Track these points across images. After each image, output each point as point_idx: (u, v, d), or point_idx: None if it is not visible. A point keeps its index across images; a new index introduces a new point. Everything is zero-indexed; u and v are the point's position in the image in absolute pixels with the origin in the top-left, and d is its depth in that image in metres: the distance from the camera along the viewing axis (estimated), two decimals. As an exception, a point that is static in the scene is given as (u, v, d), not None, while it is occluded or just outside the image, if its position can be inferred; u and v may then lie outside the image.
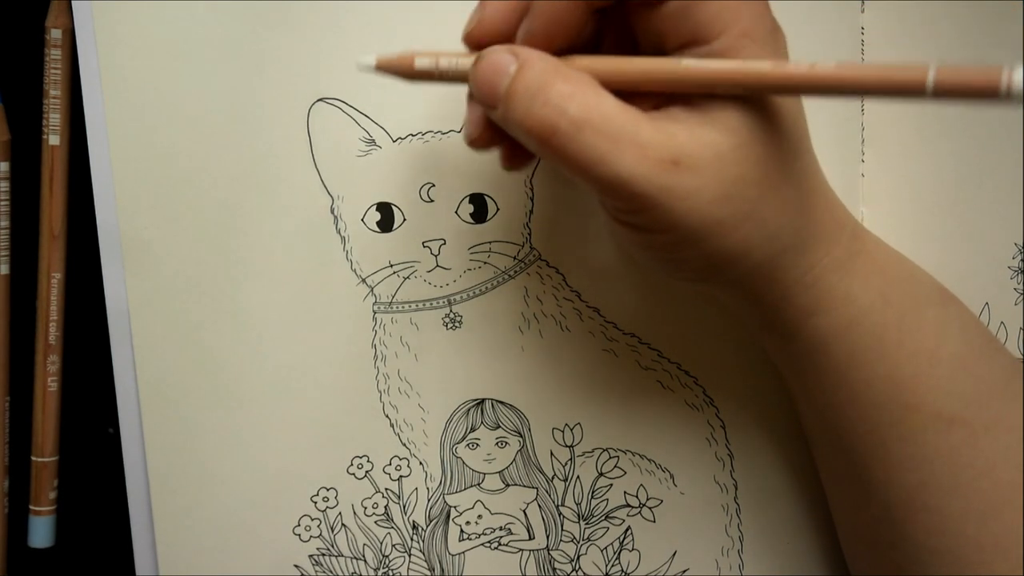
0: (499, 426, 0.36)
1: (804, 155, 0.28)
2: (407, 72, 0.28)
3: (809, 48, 0.35)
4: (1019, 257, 0.36)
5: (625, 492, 0.37)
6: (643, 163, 0.24)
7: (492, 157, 0.30)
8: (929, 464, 0.29)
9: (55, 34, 0.35)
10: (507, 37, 0.27)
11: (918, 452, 0.29)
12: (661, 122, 0.25)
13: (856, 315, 0.29)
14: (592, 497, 0.37)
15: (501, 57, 0.25)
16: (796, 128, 0.27)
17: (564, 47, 0.26)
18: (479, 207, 0.35)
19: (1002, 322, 0.36)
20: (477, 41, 0.27)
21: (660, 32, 0.26)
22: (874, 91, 0.23)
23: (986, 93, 0.20)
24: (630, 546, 0.37)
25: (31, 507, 0.36)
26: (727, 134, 0.25)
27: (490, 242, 0.36)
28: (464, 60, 0.27)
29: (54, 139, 0.35)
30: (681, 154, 0.24)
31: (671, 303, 0.36)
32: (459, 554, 0.37)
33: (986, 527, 0.28)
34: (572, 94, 0.24)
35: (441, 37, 0.34)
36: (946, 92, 0.21)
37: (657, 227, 0.26)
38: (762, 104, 0.26)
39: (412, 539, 0.37)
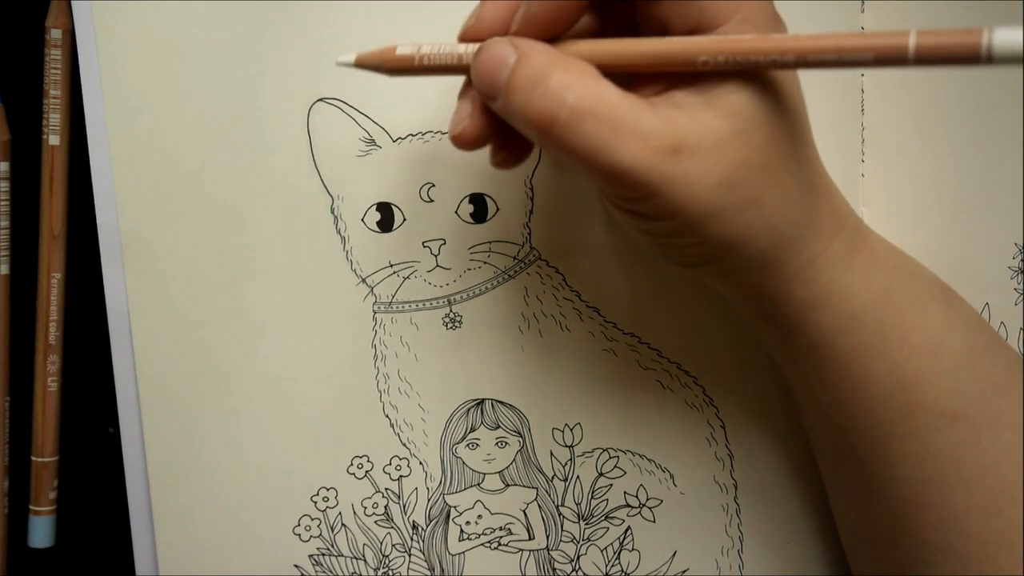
0: (499, 426, 0.36)
1: (806, 146, 0.28)
2: (388, 64, 0.27)
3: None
4: (1019, 257, 0.36)
5: (625, 492, 0.37)
6: (644, 151, 0.24)
7: (492, 157, 0.30)
8: (932, 460, 0.29)
9: (55, 34, 0.35)
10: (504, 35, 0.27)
11: (921, 449, 0.29)
12: (663, 108, 0.25)
13: (857, 310, 0.29)
14: (592, 497, 0.37)
15: (501, 48, 0.25)
16: (798, 118, 0.27)
17: (562, 33, 0.26)
18: (479, 207, 0.35)
19: (1002, 322, 0.36)
20: (474, 39, 0.27)
21: (664, 21, 0.26)
22: (860, 59, 0.23)
23: (967, 56, 0.20)
24: (630, 546, 0.37)
25: (31, 507, 0.36)
26: (730, 119, 0.25)
27: (490, 242, 0.36)
28: (449, 48, 0.27)
29: (54, 139, 0.35)
30: (682, 141, 0.24)
31: (671, 303, 0.36)
32: (459, 554, 0.37)
33: (989, 523, 0.28)
34: (571, 84, 0.24)
35: (441, 36, 0.34)
36: (929, 57, 0.21)
37: (659, 214, 0.26)
38: (766, 88, 0.25)
39: (412, 539, 0.37)
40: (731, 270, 0.28)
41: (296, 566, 0.36)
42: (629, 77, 0.26)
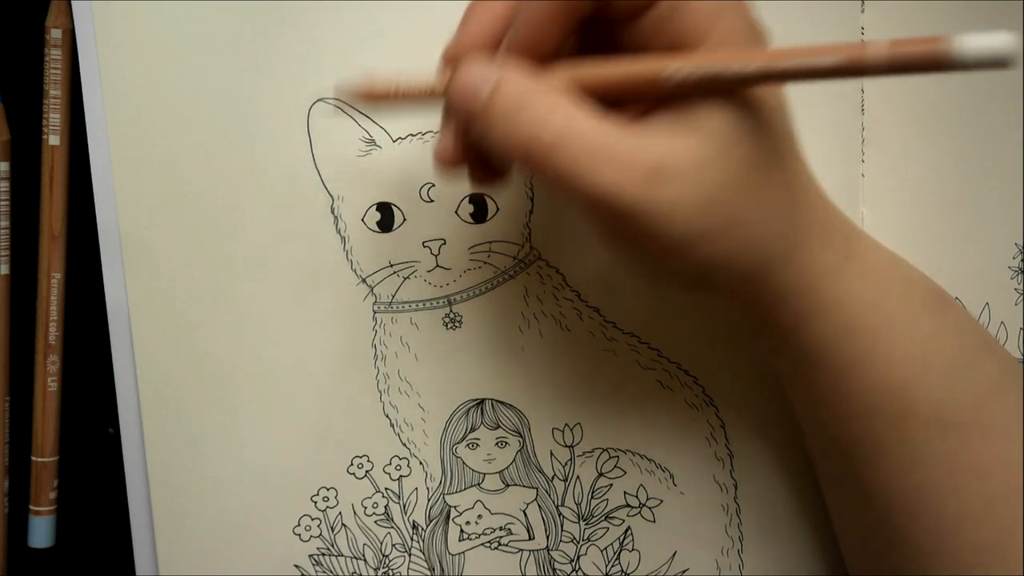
0: (499, 426, 0.36)
1: (791, 159, 0.27)
2: (368, 95, 0.28)
3: (809, 48, 0.35)
4: (1019, 257, 0.36)
5: (625, 492, 0.37)
6: (622, 177, 0.24)
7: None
8: (925, 468, 0.29)
9: (55, 34, 0.35)
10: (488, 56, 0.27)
11: (914, 456, 0.29)
12: (641, 132, 0.25)
13: (848, 321, 0.29)
14: (592, 497, 0.37)
15: (477, 73, 0.25)
16: (781, 132, 0.27)
17: (548, 56, 0.26)
18: (479, 207, 0.35)
19: (1002, 322, 0.36)
20: (458, 57, 0.27)
21: (643, 41, 0.25)
22: (825, 65, 0.22)
23: (936, 62, 0.20)
24: (630, 546, 0.37)
25: (31, 507, 0.36)
26: (709, 140, 0.25)
27: (490, 242, 0.36)
28: (425, 77, 0.27)
29: (54, 139, 0.35)
30: (661, 164, 0.24)
31: (671, 303, 0.36)
32: (459, 554, 0.37)
33: (982, 529, 0.28)
34: (548, 114, 0.24)
35: (440, 37, 0.34)
36: (898, 64, 0.21)
37: (642, 239, 0.26)
38: (744, 108, 0.25)
39: (412, 539, 0.37)
40: (722, 288, 0.28)
41: (296, 566, 0.36)
42: (609, 101, 0.26)
